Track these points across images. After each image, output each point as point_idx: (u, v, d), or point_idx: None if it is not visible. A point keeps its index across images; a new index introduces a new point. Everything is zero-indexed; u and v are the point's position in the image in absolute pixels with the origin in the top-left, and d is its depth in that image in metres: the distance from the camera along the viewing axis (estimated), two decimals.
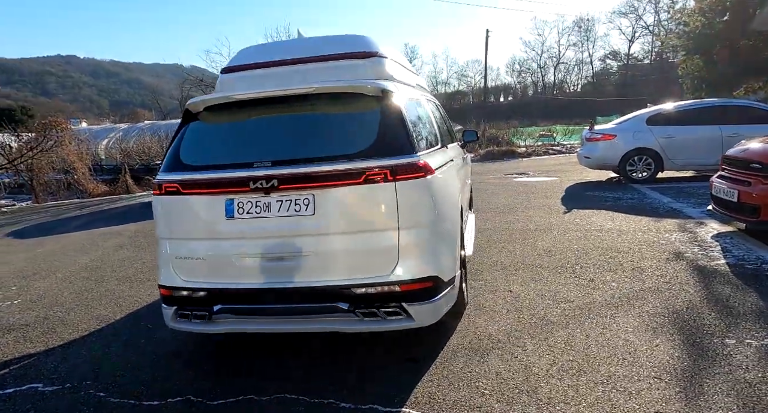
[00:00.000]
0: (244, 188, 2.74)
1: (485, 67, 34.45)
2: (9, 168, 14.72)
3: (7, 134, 15.50)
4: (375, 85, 2.86)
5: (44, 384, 2.98)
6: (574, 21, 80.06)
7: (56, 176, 15.40)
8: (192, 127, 3.11)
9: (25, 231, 9.44)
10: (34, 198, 14.67)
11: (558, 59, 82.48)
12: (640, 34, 73.44)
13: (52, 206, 13.53)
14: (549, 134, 25.45)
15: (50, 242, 7.91)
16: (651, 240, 5.07)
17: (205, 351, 3.31)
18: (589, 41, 79.89)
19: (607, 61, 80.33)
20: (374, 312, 2.73)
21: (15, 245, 8.02)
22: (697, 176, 9.86)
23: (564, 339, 3.01)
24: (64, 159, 15.37)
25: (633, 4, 70.28)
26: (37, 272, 5.88)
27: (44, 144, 14.60)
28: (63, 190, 15.36)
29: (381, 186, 2.65)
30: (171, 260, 3.00)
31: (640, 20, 71.47)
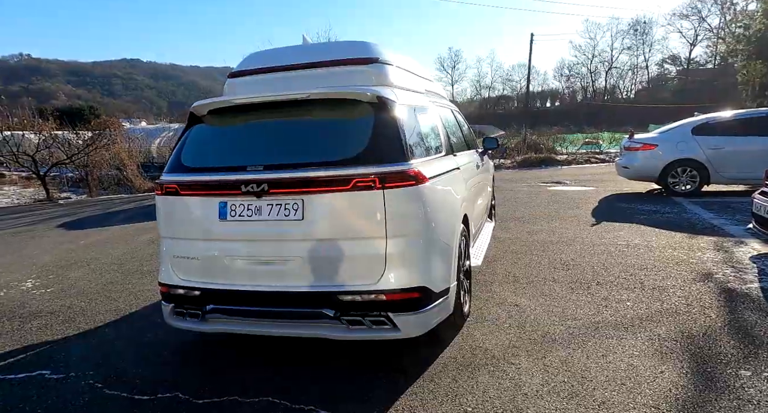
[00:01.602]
0: (237, 191, 2.79)
1: (528, 71, 33.68)
2: (68, 164, 15.68)
3: (68, 132, 16.56)
4: (371, 92, 2.84)
5: (51, 372, 3.14)
6: (630, 24, 76.82)
7: (109, 172, 16.29)
8: (195, 129, 3.20)
9: (74, 223, 10.00)
10: (89, 192, 15.56)
11: (610, 64, 79.53)
12: (702, 38, 69.72)
13: (103, 200, 14.29)
14: (594, 142, 24.50)
15: (93, 235, 8.35)
16: (680, 258, 4.77)
17: (201, 350, 3.38)
18: (646, 45, 76.63)
19: (665, 65, 76.77)
20: (360, 321, 2.72)
21: (63, 235, 8.51)
22: (749, 190, 9.21)
23: (562, 359, 2.88)
24: (116, 156, 16.23)
25: (696, 6, 66.65)
26: (74, 263, 6.21)
27: (98, 142, 15.48)
28: (114, 185, 16.21)
29: (369, 193, 2.63)
30: (170, 258, 3.09)
31: (704, 22, 67.83)
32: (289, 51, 3.64)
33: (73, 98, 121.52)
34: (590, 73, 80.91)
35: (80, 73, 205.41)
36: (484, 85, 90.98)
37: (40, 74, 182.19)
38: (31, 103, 17.24)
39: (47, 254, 6.92)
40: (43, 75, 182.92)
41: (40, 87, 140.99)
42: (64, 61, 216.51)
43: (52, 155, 15.80)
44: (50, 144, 15.26)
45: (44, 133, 15.07)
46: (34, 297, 4.79)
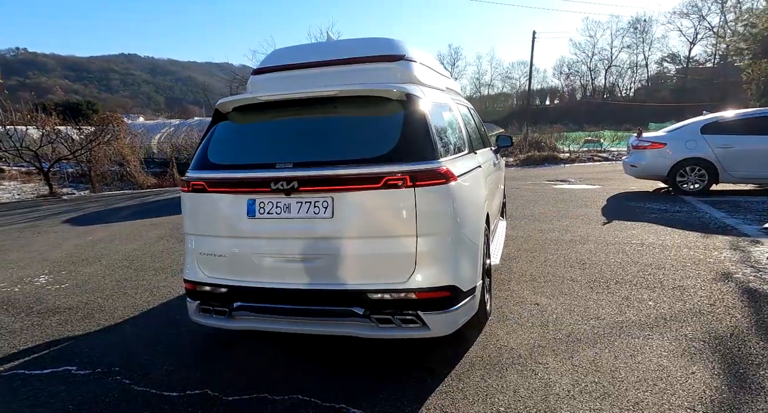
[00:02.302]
0: (266, 189, 2.78)
1: (531, 68, 33.57)
2: (71, 159, 15.61)
3: (70, 127, 16.49)
4: (399, 89, 2.83)
5: (77, 367, 3.14)
6: (630, 22, 76.72)
7: (111, 167, 16.23)
8: (220, 126, 3.18)
9: (79, 219, 9.97)
10: (92, 188, 15.51)
11: (610, 62, 79.45)
12: (703, 36, 69.66)
13: (106, 196, 14.25)
14: (595, 140, 24.53)
15: (100, 231, 8.33)
16: (697, 258, 4.77)
17: (226, 346, 3.37)
18: (645, 43, 76.52)
19: (665, 64, 76.69)
20: (389, 319, 2.71)
21: (69, 231, 8.48)
22: (757, 189, 9.24)
23: (590, 359, 2.88)
24: (118, 152, 16.17)
25: (696, 4, 66.54)
26: (85, 259, 6.19)
27: (101, 137, 15.41)
28: (117, 181, 16.16)
29: (400, 192, 2.62)
30: (196, 255, 3.07)
31: (704, 21, 67.77)
32: (313, 48, 3.62)
33: (70, 93, 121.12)
34: (590, 71, 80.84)
35: (77, 68, 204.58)
36: (484, 82, 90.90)
37: (37, 69, 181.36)
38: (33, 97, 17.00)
39: (56, 250, 6.90)
40: (40, 69, 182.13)
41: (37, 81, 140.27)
42: (61, 56, 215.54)
43: (55, 151, 15.75)
44: (53, 139, 15.20)
45: (47, 128, 14.99)
46: (50, 293, 4.77)
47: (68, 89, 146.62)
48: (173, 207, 10.99)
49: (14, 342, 3.61)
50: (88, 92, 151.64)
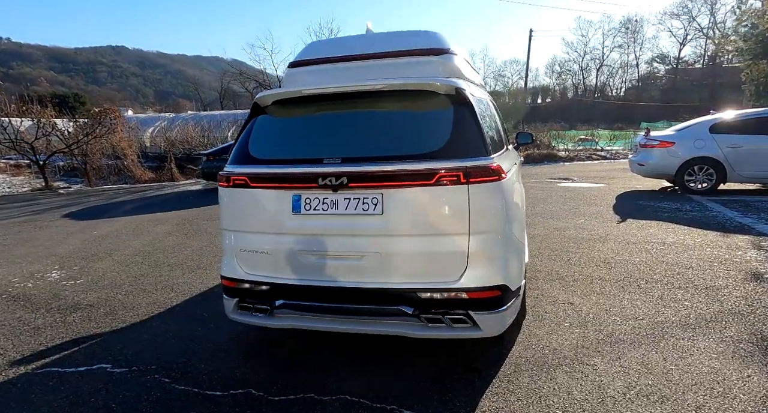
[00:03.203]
0: (313, 185, 2.71)
1: (527, 67, 33.67)
2: (66, 152, 15.34)
3: (65, 120, 16.20)
4: (448, 84, 2.76)
5: (113, 365, 3.06)
6: (621, 22, 77.17)
7: (108, 161, 15.98)
8: (260, 120, 3.09)
9: (80, 213, 9.80)
10: (87, 182, 15.26)
11: (601, 61, 79.91)
12: (692, 37, 70.36)
13: (104, 190, 14.03)
14: (590, 139, 24.65)
15: (103, 225, 8.18)
16: (722, 257, 4.77)
17: (264, 344, 3.30)
18: (636, 43, 77.05)
19: (654, 64, 77.30)
20: (439, 319, 2.65)
21: (72, 226, 8.32)
22: (762, 189, 9.31)
23: (638, 361, 2.84)
24: (114, 146, 15.92)
25: (686, 5, 67.34)
26: (95, 254, 6.07)
27: (98, 131, 15.15)
28: (113, 175, 15.92)
29: (453, 189, 2.56)
30: (235, 252, 2.99)
31: (694, 22, 68.47)
32: (352, 40, 3.53)
33: (55, 85, 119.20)
34: (581, 70, 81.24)
35: (63, 60, 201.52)
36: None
37: (21, 59, 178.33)
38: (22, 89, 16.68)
39: (62, 244, 6.76)
40: (24, 60, 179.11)
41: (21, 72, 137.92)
42: (46, 47, 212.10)
43: (49, 143, 15.46)
44: (49, 132, 14.91)
45: (43, 120, 14.70)
46: (66, 289, 4.66)
47: (54, 81, 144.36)
48: (176, 202, 10.85)
49: (40, 339, 3.51)
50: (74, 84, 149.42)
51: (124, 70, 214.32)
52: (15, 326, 3.77)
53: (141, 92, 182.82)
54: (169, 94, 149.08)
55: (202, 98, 74.48)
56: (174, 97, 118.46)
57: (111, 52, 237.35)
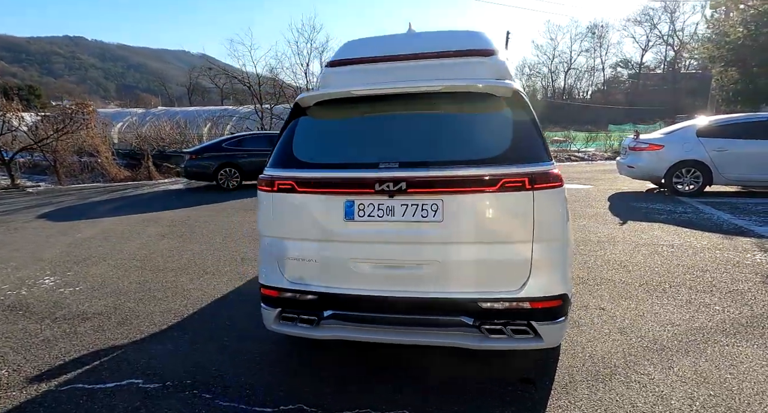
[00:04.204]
0: (369, 190, 2.58)
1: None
2: (35, 149, 14.53)
3: (33, 114, 15.35)
4: (506, 86, 2.68)
5: (144, 381, 2.86)
6: (588, 27, 79.43)
7: (80, 158, 15.23)
8: (303, 122, 2.94)
9: (56, 214, 9.30)
10: (57, 180, 14.52)
11: (569, 65, 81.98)
12: (654, 44, 73.01)
13: (77, 189, 13.39)
14: (565, 140, 25.16)
15: (87, 227, 7.77)
16: (734, 260, 4.87)
17: (301, 354, 3.14)
18: (602, 48, 79.42)
19: (618, 69, 79.82)
20: (500, 330, 2.57)
21: (51, 228, 7.87)
22: (742, 191, 9.65)
23: (691, 369, 2.83)
24: (87, 142, 15.17)
25: (648, 13, 69.94)
26: (87, 258, 5.73)
27: (70, 126, 14.42)
28: (86, 173, 15.19)
29: (518, 195, 2.48)
30: (278, 259, 2.83)
31: (655, 29, 71.08)
32: (393, 40, 3.41)
33: (6, 76, 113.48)
34: (550, 73, 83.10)
35: (14, 49, 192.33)
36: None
37: None
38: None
39: (46, 247, 6.37)
40: None
41: None
42: None
43: (15, 139, 14.62)
44: (15, 128, 14.09)
45: (9, 114, 13.88)
46: (66, 297, 4.36)
47: (4, 72, 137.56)
48: (160, 202, 10.43)
49: (54, 352, 3.26)
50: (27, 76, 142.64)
51: (83, 62, 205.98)
52: (22, 338, 3.49)
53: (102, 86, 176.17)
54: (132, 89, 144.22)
55: (170, 93, 72.46)
56: (138, 91, 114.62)
57: (68, 43, 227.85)
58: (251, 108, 20.19)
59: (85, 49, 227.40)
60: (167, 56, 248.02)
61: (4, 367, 3.07)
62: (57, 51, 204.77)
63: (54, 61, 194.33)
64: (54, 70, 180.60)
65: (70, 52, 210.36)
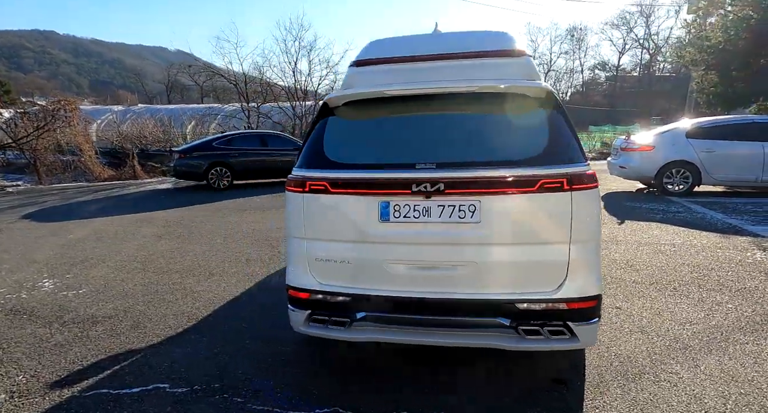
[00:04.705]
0: (405, 191, 2.56)
1: None
2: (13, 147, 14.07)
3: (11, 110, 14.85)
4: (540, 86, 2.69)
5: (170, 385, 2.78)
6: (568, 29, 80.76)
7: (62, 157, 14.80)
8: (333, 122, 2.89)
9: (41, 214, 9.04)
10: (38, 179, 14.09)
11: (549, 66, 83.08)
12: (630, 47, 74.52)
13: (59, 189, 13.02)
14: None
15: (77, 228, 7.56)
16: (736, 258, 4.99)
17: (326, 355, 3.09)
18: (581, 50, 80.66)
19: (596, 71, 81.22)
20: (537, 331, 2.57)
21: (38, 228, 7.64)
22: (728, 191, 9.91)
23: (718, 368, 2.87)
24: (70, 142, 14.75)
25: (625, 17, 71.48)
26: (84, 260, 5.57)
27: (52, 124, 14.00)
28: (69, 171, 14.76)
29: (557, 196, 2.49)
30: (309, 261, 2.78)
31: (631, 33, 72.59)
32: (420, 39, 3.39)
33: None
34: None
35: None
36: None
37: None
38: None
39: (37, 249, 6.18)
40: None
41: None
42: None
43: None
44: None
45: None
46: (71, 300, 4.23)
47: None
48: (150, 202, 10.22)
49: (70, 357, 3.15)
50: None
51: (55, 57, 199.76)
52: (33, 343, 3.37)
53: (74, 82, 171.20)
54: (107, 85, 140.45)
55: (147, 90, 70.94)
56: (113, 87, 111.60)
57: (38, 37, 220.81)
58: (237, 106, 19.92)
59: (56, 43, 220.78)
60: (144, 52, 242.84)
61: (21, 373, 2.95)
62: (26, 45, 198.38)
63: (23, 55, 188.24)
64: (23, 65, 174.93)
65: (40, 47, 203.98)
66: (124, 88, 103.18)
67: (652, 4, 59.30)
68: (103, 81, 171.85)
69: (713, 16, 18.32)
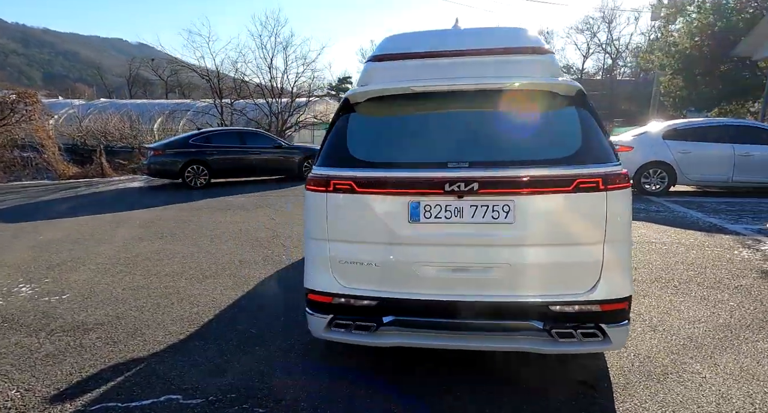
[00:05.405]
0: (437, 191, 2.47)
1: None
2: None
3: None
4: (571, 85, 2.66)
5: (183, 396, 2.61)
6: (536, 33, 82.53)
7: (22, 153, 13.98)
8: (356, 119, 2.77)
9: (3, 214, 8.51)
10: None
11: None
12: (593, 51, 76.81)
13: (21, 187, 12.30)
14: None
15: (47, 229, 7.13)
16: (725, 256, 5.13)
17: (348, 364, 2.96)
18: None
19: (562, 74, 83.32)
20: (571, 333, 2.53)
21: (2, 229, 7.15)
22: (699, 191, 10.27)
23: (736, 366, 2.89)
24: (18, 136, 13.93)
25: (589, 22, 73.67)
26: (61, 263, 5.23)
27: (10, 118, 13.21)
28: (30, 169, 13.96)
29: (592, 195, 2.45)
30: (332, 264, 2.66)
31: (595, 37, 74.85)
32: (440, 35, 3.30)
33: None
34: None
35: None
36: None
37: None
38: None
39: (6, 252, 5.84)
40: None
41: None
42: None
43: None
44: None
45: None
46: (55, 306, 3.95)
47: None
48: (124, 201, 9.79)
49: (65, 368, 2.92)
50: None
51: (3, 46, 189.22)
52: (20, 354, 3.11)
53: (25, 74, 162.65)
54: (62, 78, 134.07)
55: (107, 84, 68.18)
56: (69, 81, 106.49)
57: None
58: (207, 102, 19.36)
59: (3, 32, 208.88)
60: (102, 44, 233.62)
61: (13, 387, 2.71)
62: None
63: None
64: None
65: None
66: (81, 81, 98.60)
67: (614, 11, 61.27)
68: (57, 74, 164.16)
69: (676, 23, 19.05)
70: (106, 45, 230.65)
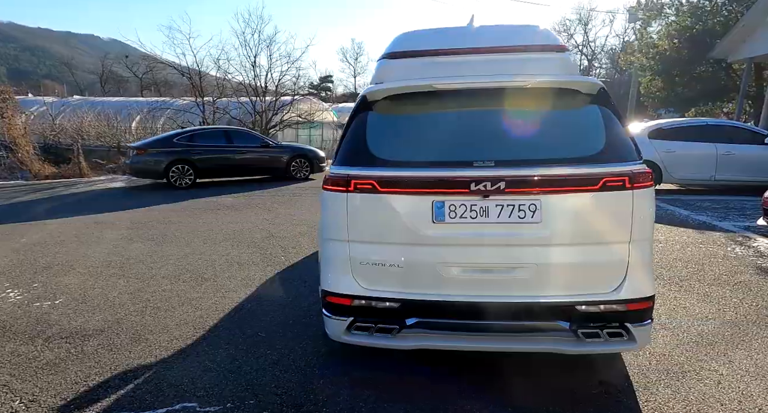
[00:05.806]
0: (463, 190, 2.43)
1: None
2: None
3: None
4: (594, 82, 2.64)
5: (200, 404, 2.52)
6: None
7: None
8: (375, 117, 2.71)
9: None
10: None
11: None
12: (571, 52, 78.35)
13: None
14: None
15: (30, 231, 6.85)
16: (720, 253, 5.23)
17: (365, 367, 2.89)
18: None
19: None
20: (597, 333, 2.51)
21: None
22: (682, 189, 10.49)
23: (751, 363, 2.92)
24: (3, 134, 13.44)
25: (566, 23, 75.15)
26: (48, 267, 5.02)
27: None
28: (1, 168, 13.41)
29: (619, 194, 2.44)
30: (352, 265, 2.59)
31: (572, 39, 76.26)
32: (456, 32, 3.25)
33: None
34: None
35: None
36: None
37: None
38: None
39: None
40: None
41: None
42: None
43: None
44: None
45: None
46: (47, 312, 3.78)
47: None
48: (107, 202, 9.48)
49: (70, 377, 2.78)
50: None
51: None
52: (19, 363, 2.95)
53: None
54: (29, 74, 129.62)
55: (78, 82, 66.29)
56: (37, 77, 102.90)
57: None
58: (188, 100, 18.95)
59: None
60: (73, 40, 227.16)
61: (16, 398, 2.57)
62: None
63: None
64: None
65: None
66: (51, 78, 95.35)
67: (590, 12, 62.43)
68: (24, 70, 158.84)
69: (653, 25, 19.50)
70: (77, 41, 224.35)
